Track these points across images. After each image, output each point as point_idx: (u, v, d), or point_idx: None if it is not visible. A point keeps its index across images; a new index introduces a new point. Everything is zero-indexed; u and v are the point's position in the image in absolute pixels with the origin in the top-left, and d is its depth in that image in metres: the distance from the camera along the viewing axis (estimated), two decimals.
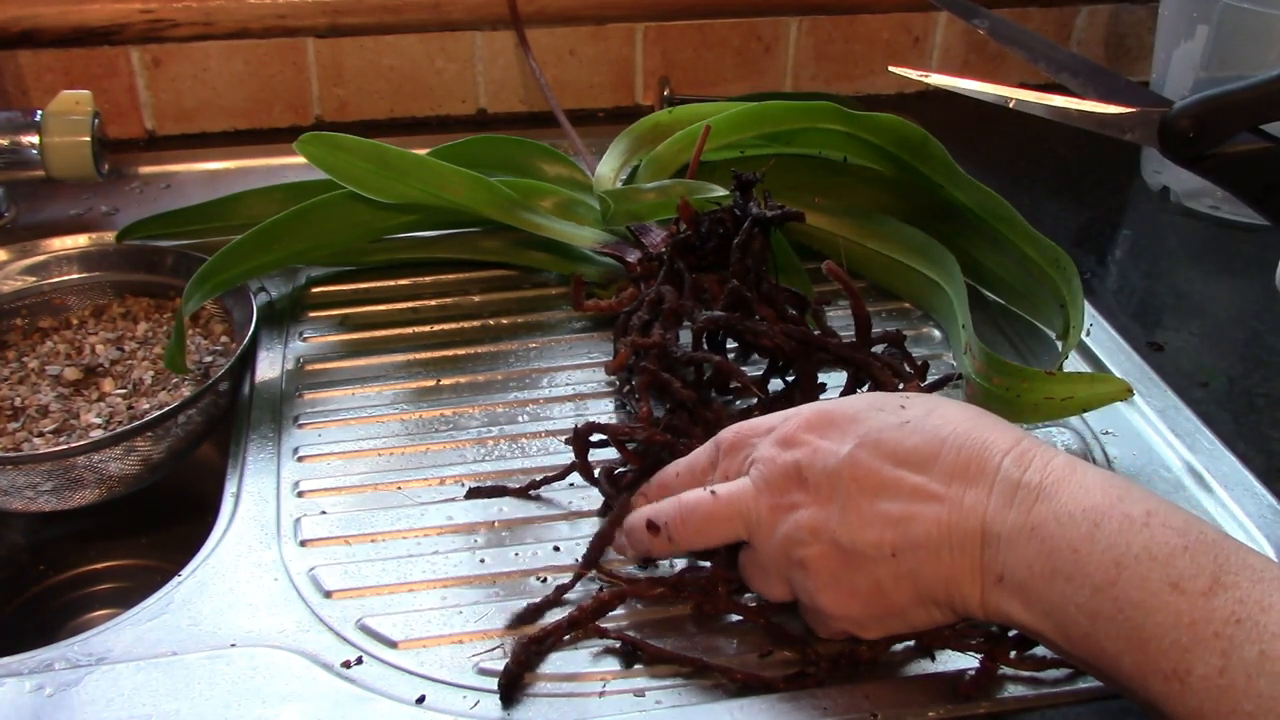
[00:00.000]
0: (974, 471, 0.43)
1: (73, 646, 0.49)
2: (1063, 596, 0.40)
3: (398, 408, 0.65)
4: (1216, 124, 0.49)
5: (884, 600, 0.44)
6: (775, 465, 0.46)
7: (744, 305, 0.60)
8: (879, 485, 0.44)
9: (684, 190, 0.70)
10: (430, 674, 0.48)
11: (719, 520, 0.47)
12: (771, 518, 0.46)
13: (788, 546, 0.45)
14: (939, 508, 0.43)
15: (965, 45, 1.04)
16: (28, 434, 0.62)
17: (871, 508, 0.44)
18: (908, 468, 0.44)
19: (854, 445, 0.45)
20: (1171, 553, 0.39)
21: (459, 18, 0.94)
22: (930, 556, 0.43)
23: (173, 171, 0.90)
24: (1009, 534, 0.41)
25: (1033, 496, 0.41)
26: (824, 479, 0.45)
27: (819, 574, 0.45)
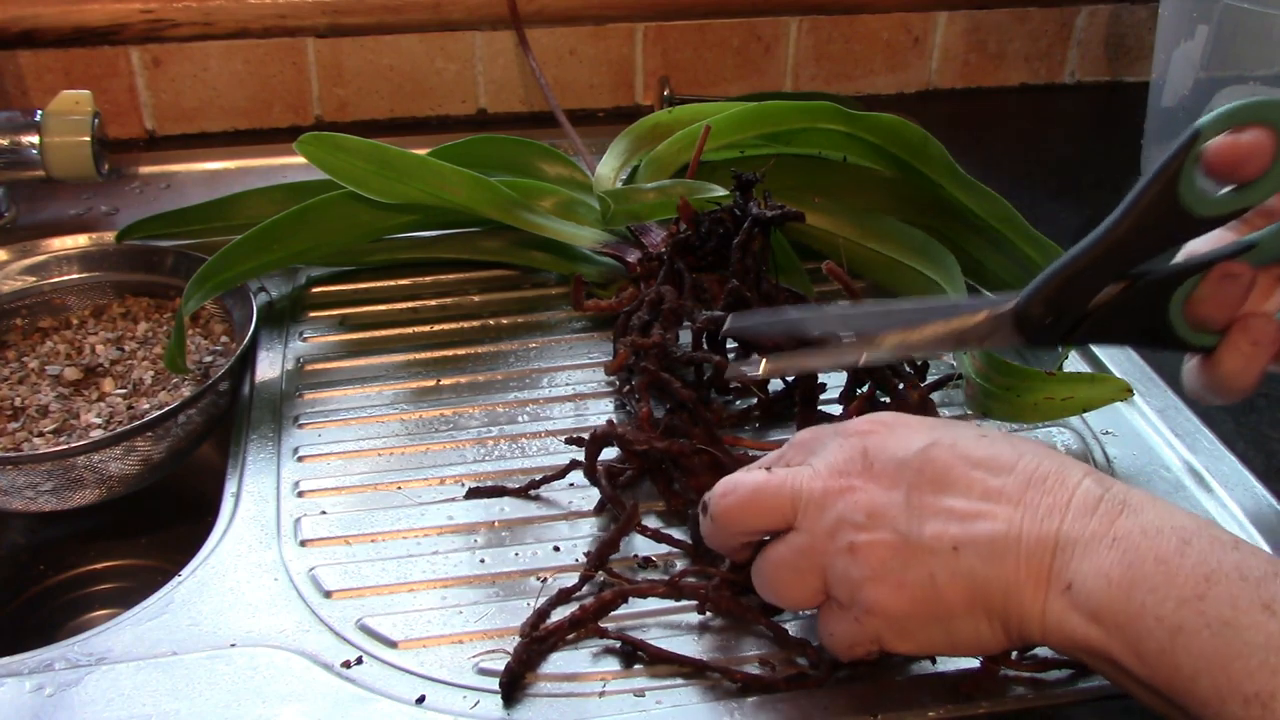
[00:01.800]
0: (1052, 483, 0.41)
1: (73, 646, 0.49)
2: (1142, 608, 0.38)
3: (398, 408, 0.65)
4: (1067, 299, 0.49)
5: (935, 599, 0.41)
6: (839, 449, 0.44)
7: (744, 305, 0.60)
8: (950, 480, 0.42)
9: (684, 190, 0.70)
10: (430, 674, 0.48)
11: (767, 496, 0.45)
12: (825, 499, 0.43)
13: (838, 529, 0.43)
14: (1011, 510, 0.41)
15: (965, 45, 1.04)
16: (28, 434, 0.62)
17: (938, 500, 0.42)
18: (983, 470, 0.42)
19: (930, 441, 0.43)
20: (1263, 576, 0.37)
21: (459, 18, 0.94)
22: (994, 557, 0.40)
23: (173, 171, 0.90)
24: (1087, 540, 0.39)
25: (1117, 509, 0.40)
26: (891, 465, 0.43)
27: (869, 561, 0.42)
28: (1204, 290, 0.48)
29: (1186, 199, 0.47)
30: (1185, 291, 0.49)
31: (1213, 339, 0.49)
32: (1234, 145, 0.46)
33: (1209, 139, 0.46)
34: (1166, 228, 0.48)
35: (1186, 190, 0.47)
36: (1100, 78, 1.08)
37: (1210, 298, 0.48)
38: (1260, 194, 0.47)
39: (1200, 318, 0.49)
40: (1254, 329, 0.48)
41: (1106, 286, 0.49)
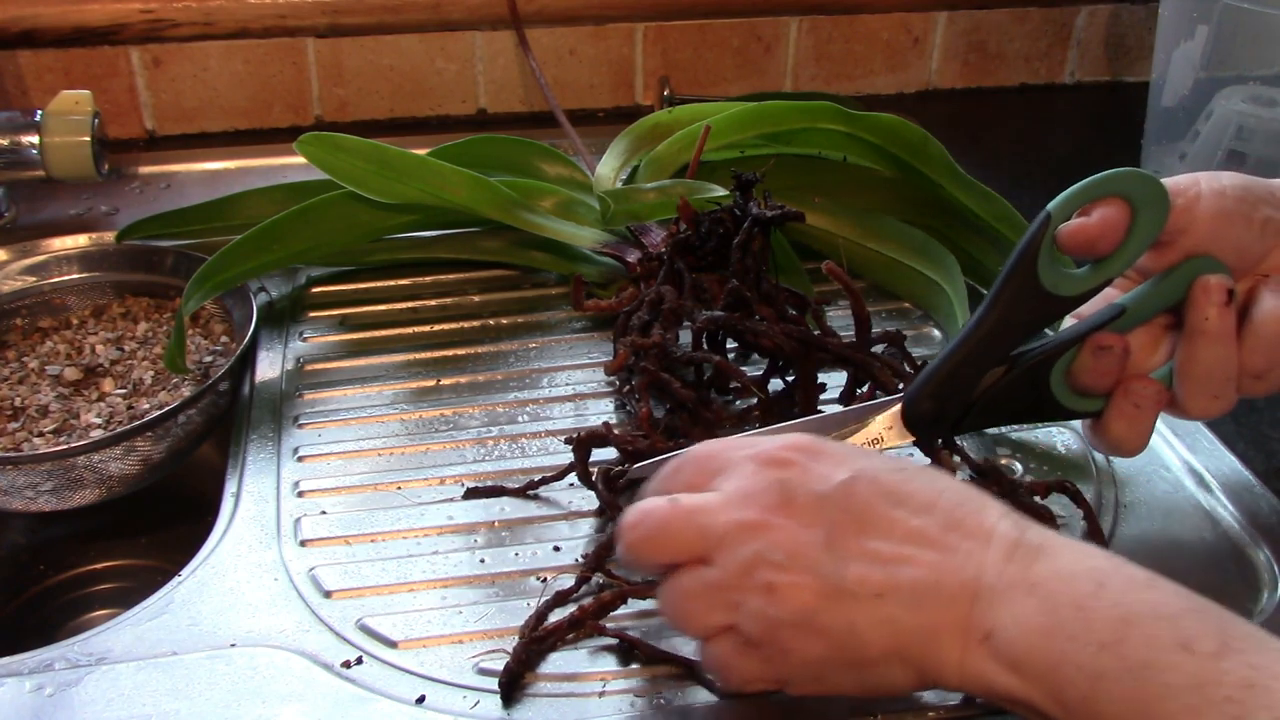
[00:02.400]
0: (971, 524, 0.41)
1: (73, 646, 0.49)
2: (1061, 655, 0.37)
3: (398, 408, 0.65)
4: (951, 391, 0.50)
5: (854, 646, 0.40)
6: (754, 479, 0.43)
7: (744, 305, 0.60)
8: (873, 520, 0.41)
9: (684, 190, 0.70)
10: (430, 674, 0.48)
11: (676, 529, 0.42)
12: (740, 535, 0.41)
13: (755, 567, 0.41)
14: (934, 554, 0.40)
15: (965, 45, 1.04)
16: (28, 434, 0.62)
17: (861, 542, 0.40)
18: (905, 509, 0.41)
19: (850, 475, 0.42)
20: (1179, 613, 0.37)
21: (459, 18, 0.94)
22: (916, 605, 0.39)
23: (173, 171, 0.90)
24: (1005, 588, 0.39)
25: (1033, 554, 0.39)
26: (813, 501, 0.41)
27: (789, 604, 0.40)
28: (1082, 362, 0.50)
29: (1048, 281, 0.48)
30: (1065, 364, 0.50)
31: (1098, 404, 0.51)
32: (1084, 228, 0.48)
33: (1061, 220, 0.48)
34: (1034, 311, 0.49)
35: (1046, 273, 0.48)
36: (1100, 78, 1.08)
37: (1089, 369, 0.50)
38: (1118, 266, 0.49)
39: (1083, 386, 0.50)
40: (1135, 393, 0.50)
41: (987, 373, 0.50)
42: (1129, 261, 0.49)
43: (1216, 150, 0.83)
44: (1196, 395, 0.49)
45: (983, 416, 0.51)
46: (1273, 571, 0.54)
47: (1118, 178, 0.48)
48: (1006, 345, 0.50)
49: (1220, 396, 0.49)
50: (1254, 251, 0.49)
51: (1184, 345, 0.49)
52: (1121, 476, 0.59)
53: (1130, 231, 0.48)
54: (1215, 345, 0.48)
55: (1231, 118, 0.82)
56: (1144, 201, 0.48)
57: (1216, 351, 0.48)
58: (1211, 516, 0.57)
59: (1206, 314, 0.48)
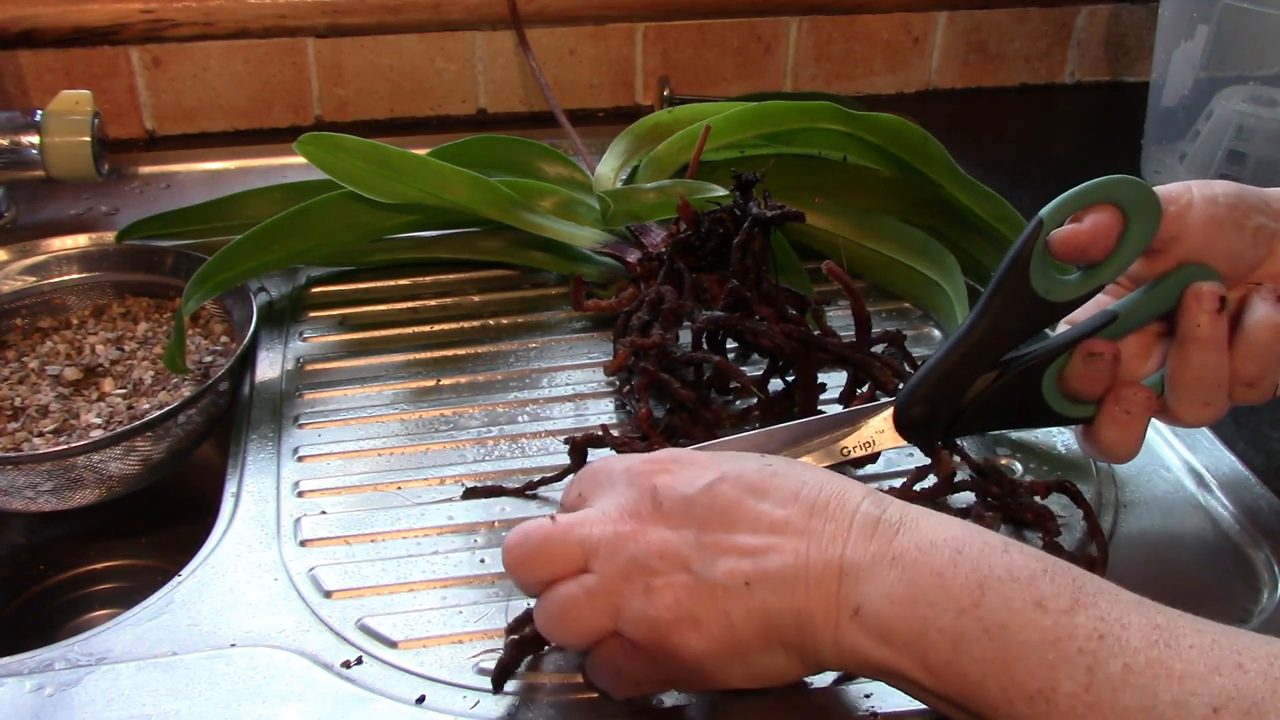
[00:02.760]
0: (834, 509, 0.42)
1: (73, 646, 0.49)
2: (924, 621, 0.39)
3: (398, 408, 0.65)
4: (942, 395, 0.51)
5: (732, 638, 0.41)
6: (628, 492, 0.44)
7: (744, 305, 0.60)
8: (738, 516, 0.42)
9: (684, 190, 0.70)
10: (430, 674, 0.48)
11: (554, 544, 0.43)
12: (616, 543, 0.43)
13: (632, 570, 0.42)
14: (797, 540, 0.41)
15: (965, 45, 1.04)
16: (28, 434, 0.62)
17: (728, 538, 0.42)
18: (769, 502, 0.42)
19: (715, 477, 0.43)
20: (1033, 575, 0.38)
21: (459, 18, 0.94)
22: (785, 589, 0.41)
23: (173, 171, 0.90)
24: (868, 564, 0.40)
25: (894, 529, 0.41)
26: (680, 504, 0.43)
27: (666, 602, 0.41)
28: (1073, 368, 0.50)
29: (1040, 287, 0.49)
30: (1056, 369, 0.50)
31: (1089, 409, 0.51)
32: (1076, 233, 0.48)
33: (1053, 226, 0.48)
34: (1026, 317, 0.49)
35: (1039, 279, 0.49)
36: (1100, 78, 1.08)
37: (1080, 375, 0.50)
38: (1111, 273, 0.49)
39: (1074, 392, 0.50)
40: (1125, 399, 0.50)
41: (979, 378, 0.51)
42: (1121, 268, 0.49)
43: (1216, 150, 0.83)
44: (1188, 402, 0.49)
45: (974, 421, 0.52)
46: (1273, 571, 0.54)
47: (1110, 185, 0.48)
48: (998, 350, 0.50)
49: (1212, 403, 0.49)
50: (1247, 260, 0.50)
51: (1175, 352, 0.49)
52: (1121, 476, 0.59)
53: (1122, 238, 0.48)
54: (1207, 352, 0.48)
55: (1231, 118, 0.82)
56: (1136, 208, 0.48)
57: (1208, 358, 0.48)
58: (1211, 516, 0.57)
59: (1198, 321, 0.48)
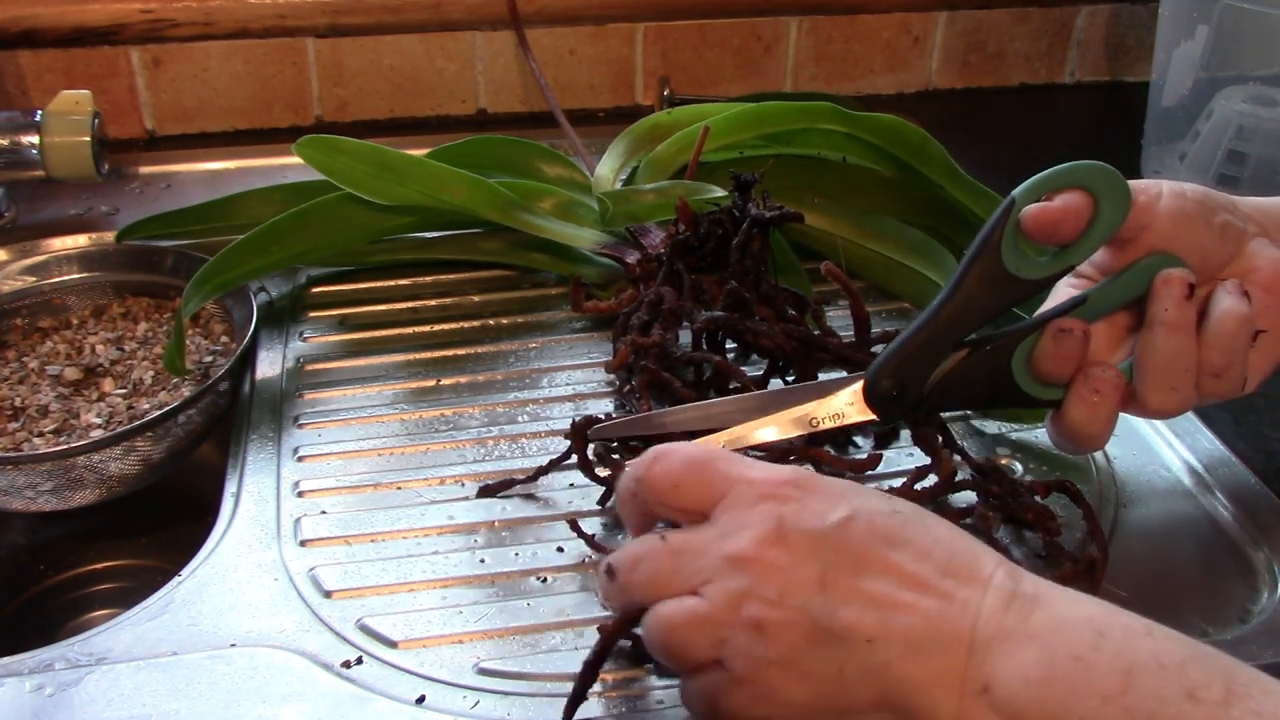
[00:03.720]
0: (966, 574, 0.40)
1: (73, 646, 0.50)
2: (1064, 707, 0.36)
3: (398, 408, 0.65)
4: (911, 371, 0.51)
5: (840, 694, 0.39)
6: (750, 513, 0.41)
7: (743, 306, 0.60)
8: (869, 562, 0.40)
9: (683, 191, 0.70)
10: (430, 674, 0.48)
11: (666, 569, 0.42)
12: (730, 567, 0.40)
13: (745, 601, 0.40)
14: (930, 600, 0.39)
15: (965, 45, 1.04)
16: (28, 434, 0.62)
17: (855, 582, 0.39)
18: (901, 553, 0.40)
19: (846, 514, 0.41)
20: (1181, 662, 0.36)
21: (459, 18, 0.94)
22: (909, 653, 0.38)
23: (173, 171, 0.90)
24: (1003, 639, 0.38)
25: (1030, 605, 0.39)
26: (807, 539, 0.40)
27: (775, 642, 0.39)
28: (1043, 347, 0.50)
29: (1011, 265, 0.49)
30: (1026, 349, 0.51)
31: (1058, 392, 0.51)
32: (1045, 211, 0.48)
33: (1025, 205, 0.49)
34: (997, 294, 0.50)
35: (1010, 257, 0.49)
36: (1100, 78, 1.08)
37: (1050, 354, 0.50)
38: (1080, 254, 0.50)
39: (1043, 373, 0.50)
40: (1094, 379, 0.50)
41: (949, 355, 0.51)
42: (1090, 250, 0.49)
43: (1216, 150, 0.83)
44: (1155, 387, 0.49)
45: (943, 398, 0.52)
46: (1273, 571, 0.54)
47: (1080, 170, 0.49)
48: (968, 328, 0.50)
49: (1178, 389, 0.49)
50: (1215, 256, 0.50)
51: (1143, 336, 0.49)
52: (1121, 476, 0.59)
53: (1092, 221, 0.49)
54: (1173, 335, 0.48)
55: (1231, 118, 0.82)
56: (1105, 193, 0.49)
57: (1175, 340, 0.49)
58: (1211, 516, 0.57)
59: (1166, 305, 0.48)
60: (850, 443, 0.62)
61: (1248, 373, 0.50)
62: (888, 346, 0.52)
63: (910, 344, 0.51)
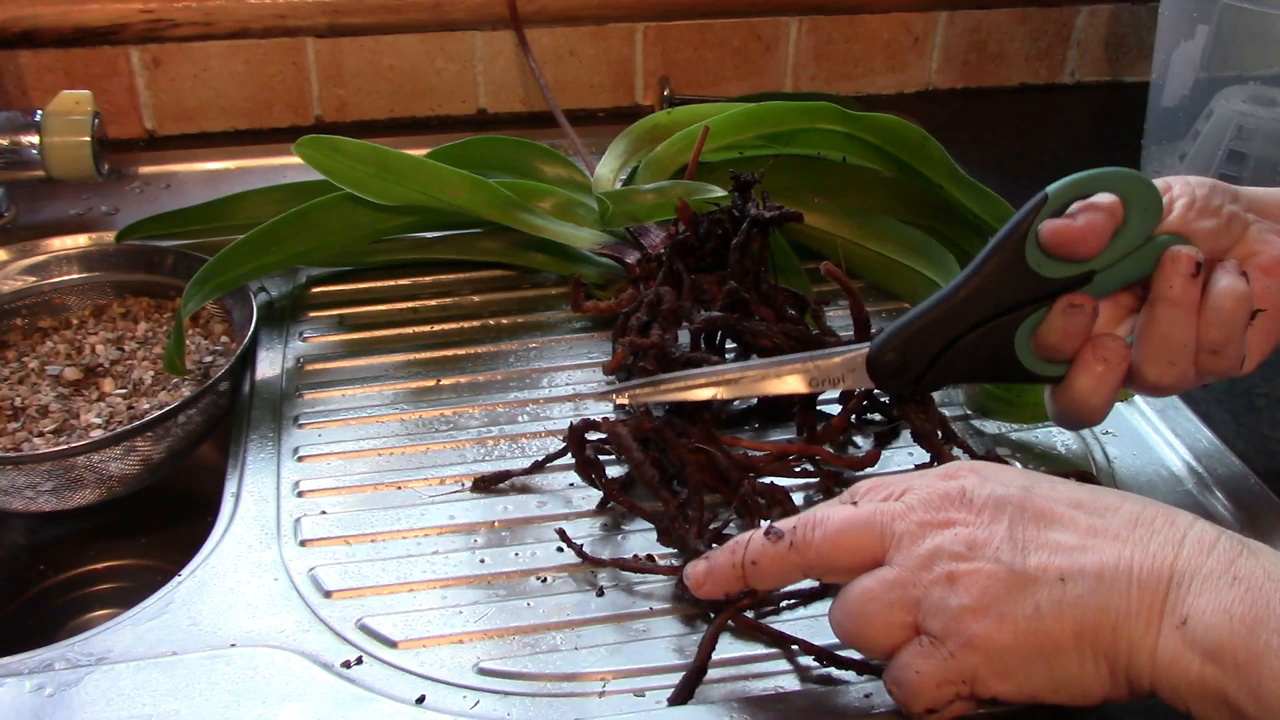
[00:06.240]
0: (1160, 524, 0.40)
1: (73, 646, 0.50)
2: (1266, 647, 0.36)
3: (398, 408, 0.65)
4: (916, 347, 0.51)
5: (1040, 632, 0.39)
6: (934, 489, 0.43)
7: (743, 306, 0.60)
8: (1053, 518, 0.41)
9: (683, 191, 0.70)
10: (430, 674, 0.48)
11: (856, 528, 0.43)
12: (920, 531, 0.42)
13: (935, 559, 0.41)
14: (1118, 545, 0.40)
15: (965, 45, 1.04)
16: (28, 434, 0.62)
17: (1041, 534, 0.40)
18: (1084, 510, 0.41)
19: (1029, 482, 0.43)
20: None
21: (459, 18, 0.94)
22: (1103, 588, 0.39)
23: (173, 171, 0.90)
24: (1205, 575, 0.38)
25: (1236, 550, 0.39)
26: (992, 501, 0.42)
27: (971, 590, 0.40)
28: (1050, 322, 0.50)
29: (1033, 261, 0.49)
30: (1031, 325, 0.50)
31: (1060, 368, 0.51)
32: (1068, 228, 0.48)
33: (1057, 204, 0.49)
34: (1015, 287, 0.50)
35: (1033, 253, 0.49)
36: (1100, 78, 1.08)
37: (1058, 329, 0.50)
38: (1104, 260, 0.49)
39: (1049, 347, 0.50)
40: (1103, 348, 0.50)
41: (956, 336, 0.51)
42: (1115, 258, 0.49)
43: (1216, 150, 0.83)
44: (1154, 361, 0.50)
45: (945, 372, 0.52)
46: None
47: (1116, 178, 0.49)
48: (980, 314, 0.50)
49: (1176, 364, 0.49)
50: (1220, 243, 0.50)
51: (1146, 311, 0.50)
52: (1122, 476, 0.60)
53: (1120, 230, 0.49)
54: (1176, 311, 0.49)
55: (1231, 118, 0.82)
56: (1138, 204, 0.49)
57: (1177, 317, 0.49)
58: (1211, 516, 0.57)
59: (1172, 283, 0.49)
60: (850, 442, 0.62)
61: (1246, 351, 0.50)
62: (897, 320, 0.52)
63: (919, 322, 0.51)
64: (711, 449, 0.55)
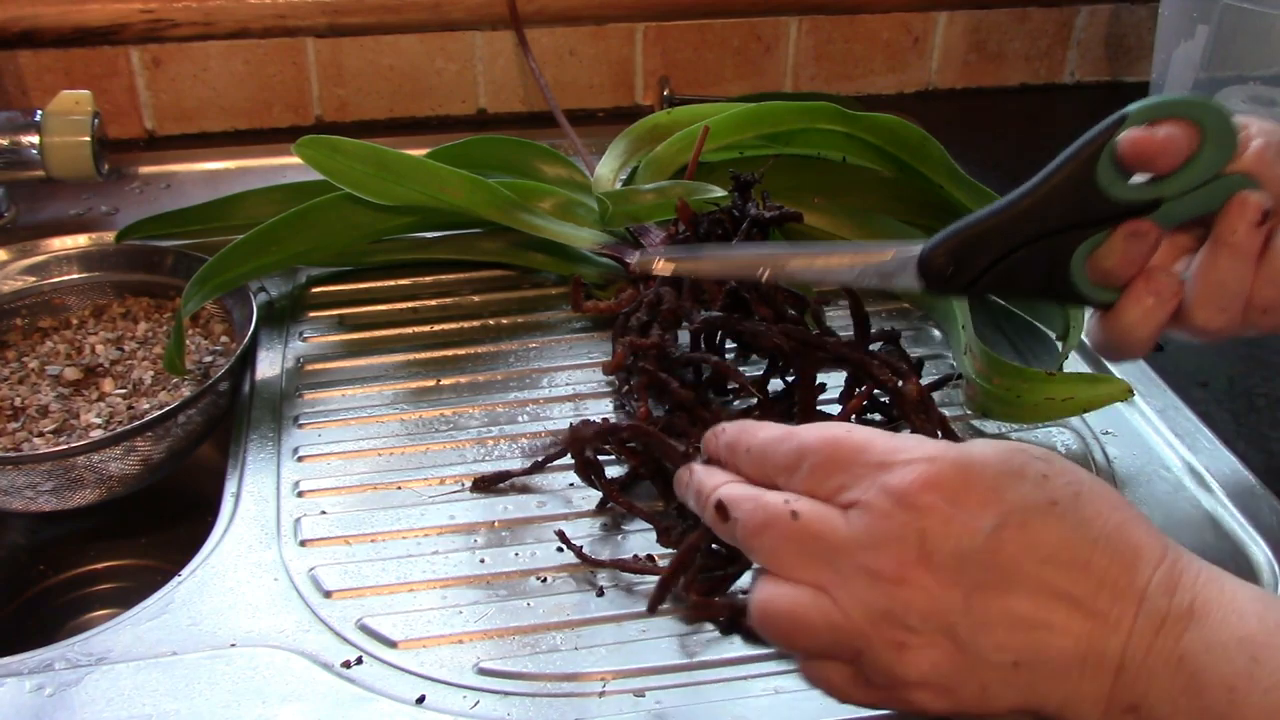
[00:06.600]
0: (1123, 584, 0.38)
1: (73, 646, 0.50)
2: None
3: (398, 408, 0.65)
4: (970, 254, 0.50)
5: (981, 705, 0.38)
6: (888, 523, 0.38)
7: (743, 306, 0.60)
8: (1019, 578, 0.38)
9: (682, 191, 0.70)
10: (430, 674, 0.48)
11: (794, 546, 0.40)
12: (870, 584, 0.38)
13: (885, 622, 0.38)
14: (1081, 621, 0.37)
15: (966, 45, 1.04)
16: (28, 434, 0.62)
17: (1003, 603, 0.37)
18: (1054, 566, 0.38)
19: (996, 524, 0.38)
20: None
21: (459, 18, 0.94)
22: (1056, 675, 0.37)
23: (173, 171, 0.90)
24: (1153, 663, 0.37)
25: (1182, 623, 0.37)
26: (953, 561, 0.38)
27: (919, 667, 0.38)
28: (1111, 245, 0.48)
29: (1103, 180, 0.48)
30: (1089, 247, 0.49)
31: (1113, 295, 0.50)
32: (1148, 139, 0.47)
33: (1135, 124, 0.47)
34: (1079, 206, 0.48)
35: (1103, 172, 0.47)
36: (1100, 78, 1.08)
37: (1117, 254, 0.48)
38: (1174, 189, 0.48)
39: (1104, 272, 0.49)
40: (1156, 282, 0.49)
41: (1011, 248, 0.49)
42: (1185, 187, 0.48)
43: None
44: (1205, 304, 0.48)
45: (995, 282, 0.50)
46: (1273, 571, 0.54)
47: (1197, 105, 0.47)
48: (1038, 228, 0.49)
49: (1226, 311, 0.48)
50: None
51: (1204, 252, 0.48)
52: (1122, 476, 0.60)
53: (1193, 159, 0.47)
54: (1235, 258, 0.48)
55: None
56: (1214, 135, 0.47)
57: (1235, 264, 0.48)
58: (1211, 516, 0.57)
59: (1236, 228, 0.47)
60: None
61: None
62: (954, 223, 0.50)
63: (977, 228, 0.49)
64: None
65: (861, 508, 0.39)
